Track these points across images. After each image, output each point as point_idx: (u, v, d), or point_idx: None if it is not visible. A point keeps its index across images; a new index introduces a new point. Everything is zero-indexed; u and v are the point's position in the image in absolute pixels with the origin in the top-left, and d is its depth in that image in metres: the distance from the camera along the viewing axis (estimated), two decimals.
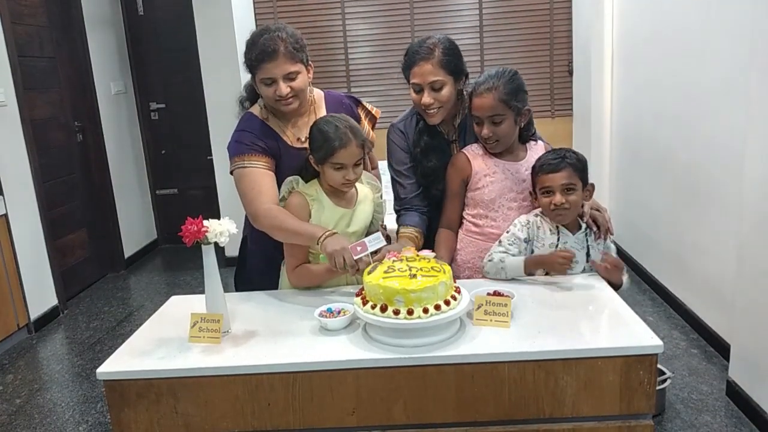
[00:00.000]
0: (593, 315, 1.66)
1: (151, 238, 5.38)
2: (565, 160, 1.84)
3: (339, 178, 1.81)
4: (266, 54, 1.84)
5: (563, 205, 1.83)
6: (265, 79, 1.87)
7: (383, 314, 1.46)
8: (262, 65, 1.85)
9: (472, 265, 2.00)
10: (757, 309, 2.33)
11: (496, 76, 1.89)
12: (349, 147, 1.78)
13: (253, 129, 1.95)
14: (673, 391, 2.60)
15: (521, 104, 1.91)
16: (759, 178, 2.28)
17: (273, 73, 1.85)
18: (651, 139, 3.65)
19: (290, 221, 1.80)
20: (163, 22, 5.07)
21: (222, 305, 1.64)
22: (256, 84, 1.92)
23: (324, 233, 1.72)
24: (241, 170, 1.90)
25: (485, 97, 1.88)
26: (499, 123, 1.89)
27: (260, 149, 1.91)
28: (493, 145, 1.95)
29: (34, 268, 3.72)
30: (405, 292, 1.45)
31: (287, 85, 1.87)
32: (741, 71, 2.51)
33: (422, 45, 1.95)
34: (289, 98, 1.89)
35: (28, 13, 3.94)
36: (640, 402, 1.47)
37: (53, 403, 2.89)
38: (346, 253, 1.66)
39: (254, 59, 1.86)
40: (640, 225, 3.83)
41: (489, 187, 1.97)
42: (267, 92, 1.89)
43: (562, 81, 4.73)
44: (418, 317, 1.44)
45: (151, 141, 5.28)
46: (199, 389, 1.49)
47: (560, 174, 1.83)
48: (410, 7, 4.67)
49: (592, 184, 1.88)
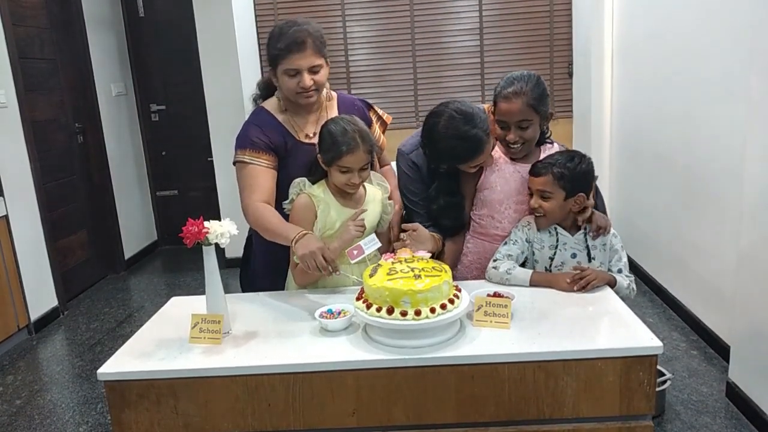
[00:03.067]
0: (593, 316, 1.66)
1: (152, 239, 5.38)
2: (550, 167, 1.83)
3: (344, 180, 1.82)
4: (295, 45, 1.84)
5: (537, 210, 1.86)
6: (289, 70, 1.87)
7: (390, 317, 1.46)
8: (289, 56, 1.85)
9: (480, 265, 2.00)
10: (757, 310, 2.33)
11: (522, 80, 1.86)
12: (356, 152, 1.78)
13: (262, 124, 1.95)
14: (672, 392, 2.60)
15: (546, 108, 1.90)
16: (759, 179, 2.29)
17: (299, 64, 1.86)
18: (651, 141, 3.65)
19: (272, 220, 1.82)
20: (164, 23, 5.07)
21: (222, 306, 1.65)
22: (277, 76, 1.92)
23: (296, 235, 1.72)
24: (240, 165, 1.92)
25: (514, 102, 1.85)
26: (526, 128, 1.88)
27: (264, 146, 1.91)
28: (517, 149, 1.92)
29: (35, 269, 3.72)
30: (412, 293, 1.45)
31: (311, 78, 1.88)
32: (741, 72, 2.52)
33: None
34: (311, 91, 1.90)
35: (29, 15, 3.95)
36: (639, 403, 1.47)
37: (53, 404, 2.89)
38: (317, 256, 1.67)
39: (282, 49, 1.85)
40: (640, 226, 3.83)
41: (499, 188, 1.97)
42: (289, 84, 1.89)
43: (562, 82, 4.73)
44: (426, 317, 1.45)
45: (152, 142, 5.28)
46: (199, 390, 1.49)
47: (539, 179, 1.85)
48: (410, 10, 4.67)
49: (581, 195, 1.85)
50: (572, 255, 1.90)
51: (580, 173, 1.85)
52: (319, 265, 1.66)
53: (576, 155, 1.88)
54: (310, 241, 1.70)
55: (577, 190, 1.84)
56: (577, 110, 4.67)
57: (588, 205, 1.89)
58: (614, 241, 1.93)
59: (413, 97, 4.75)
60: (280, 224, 1.81)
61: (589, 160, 1.89)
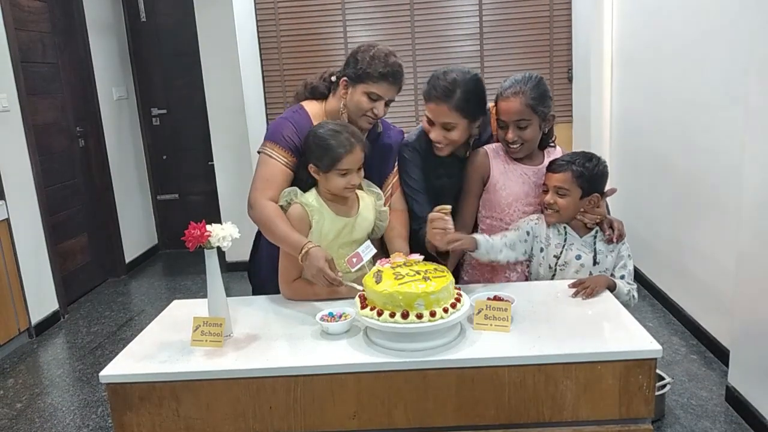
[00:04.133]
0: (593, 319, 1.67)
1: (152, 243, 5.38)
2: (570, 165, 1.86)
3: (344, 183, 1.81)
4: (392, 76, 1.89)
5: (552, 206, 1.87)
6: (373, 94, 1.89)
7: (406, 320, 1.46)
8: (382, 83, 1.89)
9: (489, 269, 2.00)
10: (757, 315, 2.34)
11: (523, 81, 1.88)
12: (354, 152, 1.79)
13: (298, 124, 1.95)
14: (672, 396, 2.61)
15: (547, 110, 1.91)
16: (758, 184, 2.30)
17: (386, 94, 1.91)
18: (650, 146, 3.66)
19: (281, 225, 1.81)
20: (165, 28, 5.09)
21: (224, 309, 1.65)
22: (349, 90, 1.92)
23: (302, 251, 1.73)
24: (264, 156, 1.93)
25: (512, 101, 1.87)
26: (524, 128, 1.89)
27: (292, 146, 1.92)
28: (517, 149, 1.93)
29: (36, 272, 3.72)
30: (425, 295, 1.46)
31: (385, 109, 1.93)
32: (740, 79, 2.53)
33: (442, 81, 1.88)
34: (376, 119, 1.95)
35: (31, 19, 3.97)
36: (639, 406, 1.48)
37: (54, 407, 2.89)
38: (325, 273, 1.68)
39: (380, 73, 1.87)
40: (639, 231, 3.83)
41: (506, 191, 1.97)
42: (364, 104, 1.91)
43: (562, 88, 4.75)
44: (441, 317, 1.47)
45: (153, 146, 5.30)
46: (201, 392, 1.50)
47: (557, 176, 1.87)
48: (410, 14, 4.69)
49: (596, 195, 1.88)
50: (577, 256, 1.90)
51: (598, 174, 1.88)
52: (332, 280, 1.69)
53: (593, 156, 1.91)
54: (313, 260, 1.71)
55: (592, 190, 1.87)
56: (576, 115, 4.68)
57: (600, 212, 1.90)
58: (622, 248, 1.94)
59: (413, 100, 4.76)
60: (288, 233, 1.80)
61: (604, 163, 1.92)
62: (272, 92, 4.80)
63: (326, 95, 2.03)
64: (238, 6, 4.46)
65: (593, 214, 1.89)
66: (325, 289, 1.79)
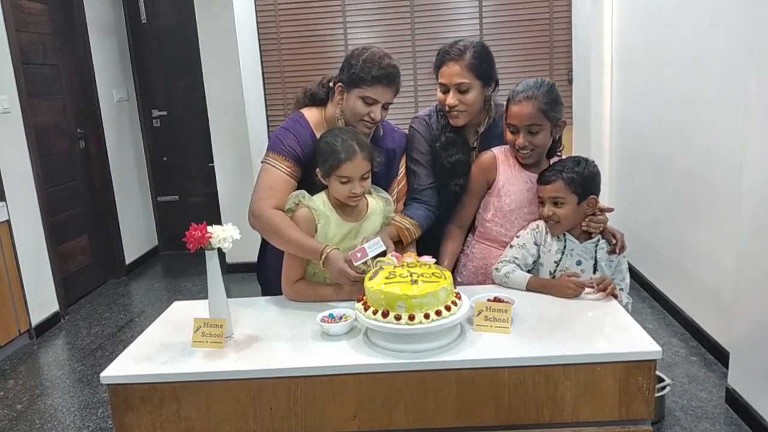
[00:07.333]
0: (592, 321, 1.67)
1: (152, 244, 5.39)
2: (560, 173, 1.85)
3: (345, 191, 1.80)
4: (386, 78, 1.86)
5: (552, 217, 1.86)
6: (368, 98, 1.87)
7: (385, 320, 1.48)
8: (376, 86, 1.86)
9: (485, 271, 2.00)
10: (757, 316, 2.34)
11: (535, 86, 1.87)
12: (355, 160, 1.77)
13: (298, 133, 1.94)
14: (672, 398, 2.61)
15: (558, 115, 1.90)
16: (758, 185, 2.30)
17: (382, 97, 1.88)
18: (650, 147, 3.67)
19: (294, 233, 1.81)
20: (166, 29, 5.10)
21: (225, 310, 1.66)
22: (345, 95, 1.90)
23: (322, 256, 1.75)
24: (267, 166, 1.93)
25: (524, 105, 1.85)
26: (535, 133, 1.87)
27: (294, 156, 1.91)
28: (526, 154, 1.91)
29: (36, 273, 3.73)
30: (406, 298, 1.46)
31: (382, 112, 1.91)
32: (740, 79, 2.53)
33: (454, 46, 1.94)
34: (375, 123, 1.93)
35: (32, 21, 3.97)
36: (639, 407, 1.48)
37: (54, 408, 2.90)
38: (348, 273, 1.72)
39: (374, 76, 1.85)
40: (639, 232, 3.84)
41: (510, 197, 1.96)
42: (360, 109, 1.89)
43: (562, 89, 4.68)
44: (419, 323, 1.46)
45: (153, 148, 5.30)
46: (201, 393, 1.50)
47: (550, 187, 1.86)
48: (411, 17, 4.70)
49: (593, 197, 1.87)
50: (577, 262, 1.90)
51: (589, 176, 1.87)
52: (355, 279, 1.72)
53: (580, 159, 1.90)
54: (333, 264, 1.75)
55: (588, 193, 1.86)
56: (576, 117, 4.69)
57: (603, 219, 1.89)
58: (622, 261, 1.93)
59: (413, 103, 4.77)
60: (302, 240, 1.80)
61: (593, 163, 1.91)
62: (272, 94, 4.81)
63: (326, 101, 2.01)
64: (239, 7, 4.47)
65: (596, 222, 1.88)
66: (346, 289, 1.81)
